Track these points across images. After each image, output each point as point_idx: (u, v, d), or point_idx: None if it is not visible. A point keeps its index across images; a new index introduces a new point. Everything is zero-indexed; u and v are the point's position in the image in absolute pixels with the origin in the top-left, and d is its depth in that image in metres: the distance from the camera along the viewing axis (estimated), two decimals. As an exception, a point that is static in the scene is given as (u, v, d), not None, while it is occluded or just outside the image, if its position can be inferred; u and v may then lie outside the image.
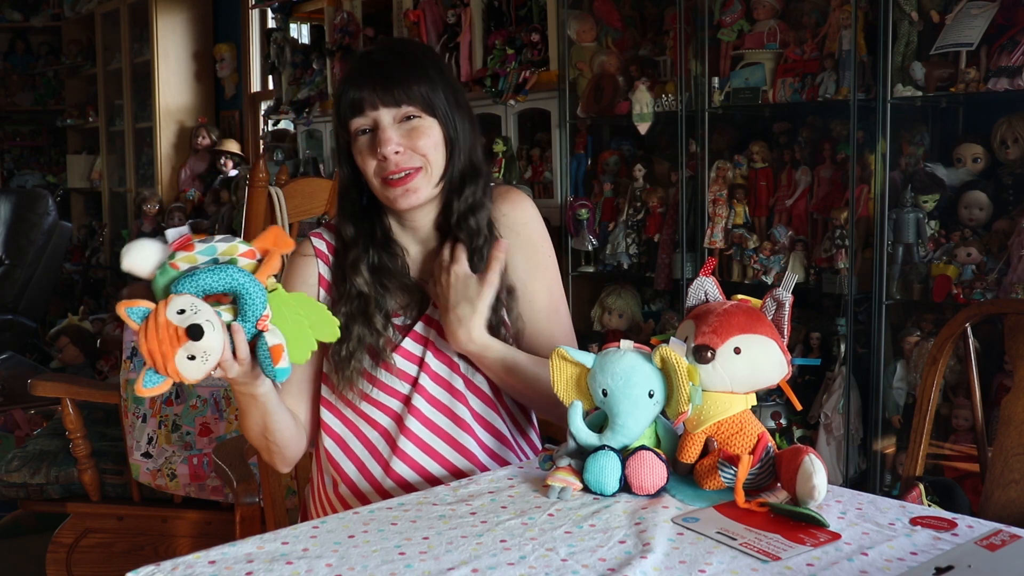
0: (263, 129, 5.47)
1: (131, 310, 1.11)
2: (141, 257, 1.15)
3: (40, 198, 5.40)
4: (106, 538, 2.58)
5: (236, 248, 1.16)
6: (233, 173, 5.42)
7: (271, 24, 5.31)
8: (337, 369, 1.43)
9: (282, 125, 5.24)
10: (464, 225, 1.44)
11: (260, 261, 1.17)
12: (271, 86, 5.31)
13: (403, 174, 1.39)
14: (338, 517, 1.14)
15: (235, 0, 5.68)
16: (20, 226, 5.25)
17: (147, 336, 1.10)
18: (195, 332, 1.09)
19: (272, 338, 1.16)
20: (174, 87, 5.91)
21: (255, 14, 5.61)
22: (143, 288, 4.87)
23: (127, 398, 2.51)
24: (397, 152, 1.38)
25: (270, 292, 1.18)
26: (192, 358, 1.11)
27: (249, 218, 2.96)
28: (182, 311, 1.10)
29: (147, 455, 2.49)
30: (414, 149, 1.39)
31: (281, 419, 1.38)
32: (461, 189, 1.44)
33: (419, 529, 1.09)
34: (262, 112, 5.44)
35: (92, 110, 6.96)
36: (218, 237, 1.17)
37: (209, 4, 5.98)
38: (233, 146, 5.59)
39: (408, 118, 1.39)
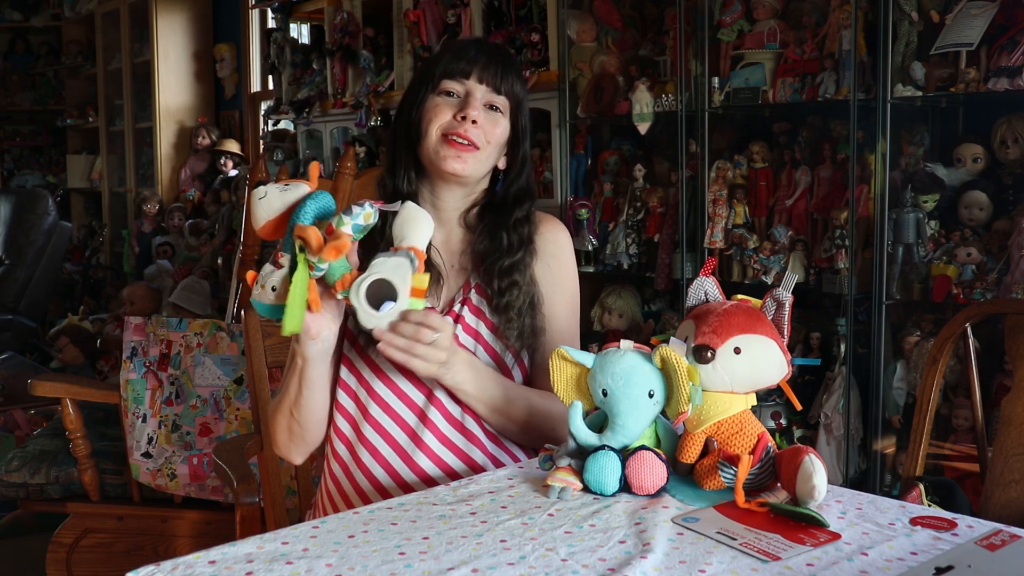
0: (263, 129, 5.47)
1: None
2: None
3: (40, 198, 5.40)
4: (106, 538, 2.58)
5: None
6: (233, 173, 5.42)
7: (271, 24, 5.31)
8: (358, 331, 1.46)
9: (282, 125, 5.24)
10: (514, 234, 1.50)
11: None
12: (271, 86, 5.31)
13: (467, 142, 1.45)
14: (338, 517, 1.14)
15: (235, 0, 5.69)
16: (20, 226, 5.25)
17: None
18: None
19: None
20: (174, 87, 5.92)
21: (255, 14, 5.61)
22: (143, 287, 4.85)
23: (127, 398, 2.51)
24: (475, 122, 1.45)
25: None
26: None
27: (249, 218, 2.97)
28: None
29: (147, 455, 2.49)
30: (485, 132, 1.46)
31: (313, 398, 1.40)
32: (520, 203, 1.52)
33: (419, 529, 1.09)
34: (262, 112, 5.44)
35: (92, 110, 6.96)
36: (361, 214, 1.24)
37: (209, 4, 5.98)
38: (233, 146, 5.59)
39: (492, 107, 1.48)
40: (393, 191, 1.50)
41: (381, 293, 1.22)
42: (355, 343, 1.47)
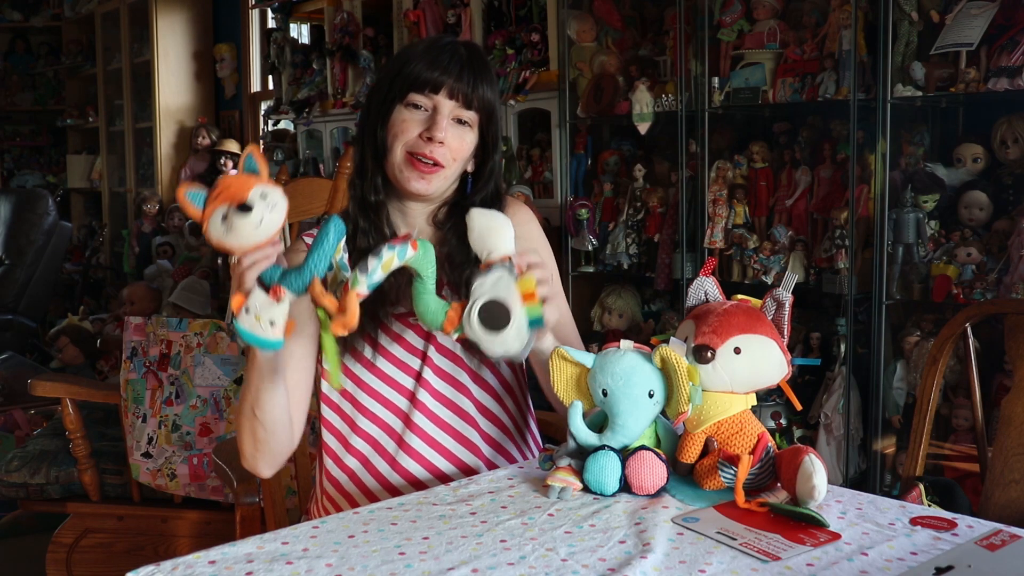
0: (263, 129, 5.48)
1: (191, 193, 1.16)
2: None
3: (40, 198, 5.40)
4: (106, 538, 2.58)
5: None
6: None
7: (271, 24, 5.31)
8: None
9: (282, 125, 5.24)
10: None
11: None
12: (271, 86, 5.31)
13: (431, 163, 1.42)
14: (338, 517, 1.14)
15: (235, 0, 5.69)
16: (20, 226, 5.25)
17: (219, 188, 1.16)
18: (244, 207, 1.13)
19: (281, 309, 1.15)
20: (174, 87, 5.91)
21: (255, 14, 5.61)
22: (143, 287, 4.83)
23: (127, 398, 2.51)
24: (441, 143, 1.42)
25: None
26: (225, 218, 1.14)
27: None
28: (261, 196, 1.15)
29: (147, 455, 2.49)
30: (451, 150, 1.44)
31: (275, 397, 1.35)
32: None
33: (419, 529, 1.09)
34: (262, 112, 5.44)
35: (92, 110, 6.96)
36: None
37: (209, 4, 5.98)
38: (233, 146, 5.58)
39: (461, 121, 1.44)
40: (362, 197, 1.48)
41: (494, 315, 1.16)
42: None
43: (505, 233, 1.20)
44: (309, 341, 1.46)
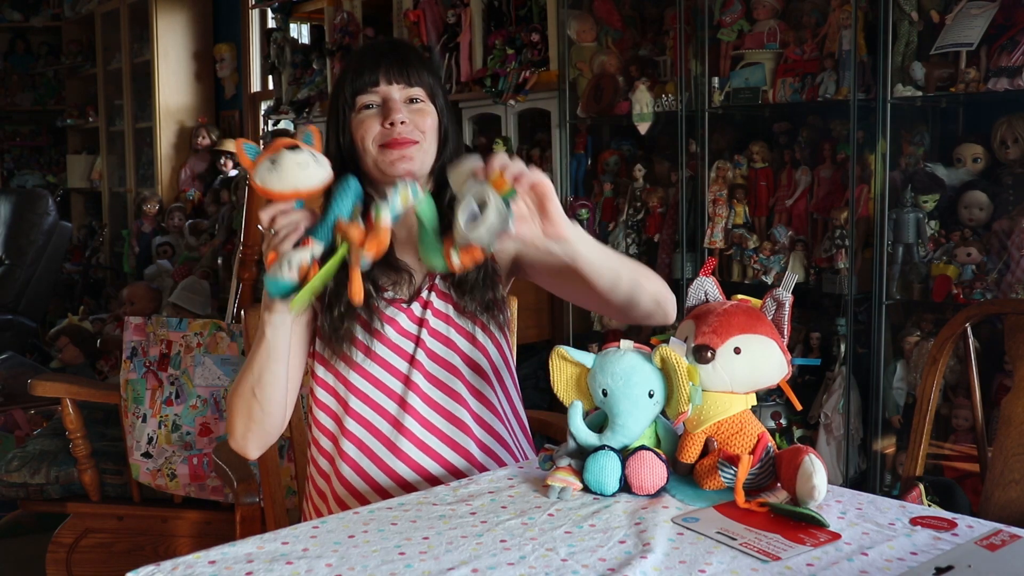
0: (263, 129, 5.48)
1: (248, 145, 1.24)
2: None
3: (40, 198, 5.40)
4: (106, 538, 2.58)
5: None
6: (233, 173, 5.42)
7: (271, 24, 5.31)
8: (332, 330, 1.46)
9: (282, 125, 5.24)
10: (452, 213, 1.46)
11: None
12: (271, 86, 5.31)
13: (405, 142, 1.45)
14: (338, 517, 1.14)
15: (235, 0, 5.69)
16: (20, 226, 5.25)
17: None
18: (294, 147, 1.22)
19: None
20: (174, 87, 5.92)
21: (255, 14, 5.61)
22: (143, 287, 4.82)
23: (127, 398, 2.51)
24: (403, 122, 1.45)
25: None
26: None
27: (249, 218, 2.96)
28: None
29: (147, 455, 2.49)
30: (416, 126, 1.47)
31: (277, 374, 1.38)
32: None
33: (419, 529, 1.09)
34: (262, 112, 5.44)
35: (92, 110, 6.96)
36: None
37: (209, 4, 5.98)
38: (233, 146, 5.58)
39: (412, 100, 1.49)
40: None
41: (472, 209, 1.19)
42: (329, 342, 1.47)
43: (470, 163, 1.23)
44: (304, 329, 1.48)
